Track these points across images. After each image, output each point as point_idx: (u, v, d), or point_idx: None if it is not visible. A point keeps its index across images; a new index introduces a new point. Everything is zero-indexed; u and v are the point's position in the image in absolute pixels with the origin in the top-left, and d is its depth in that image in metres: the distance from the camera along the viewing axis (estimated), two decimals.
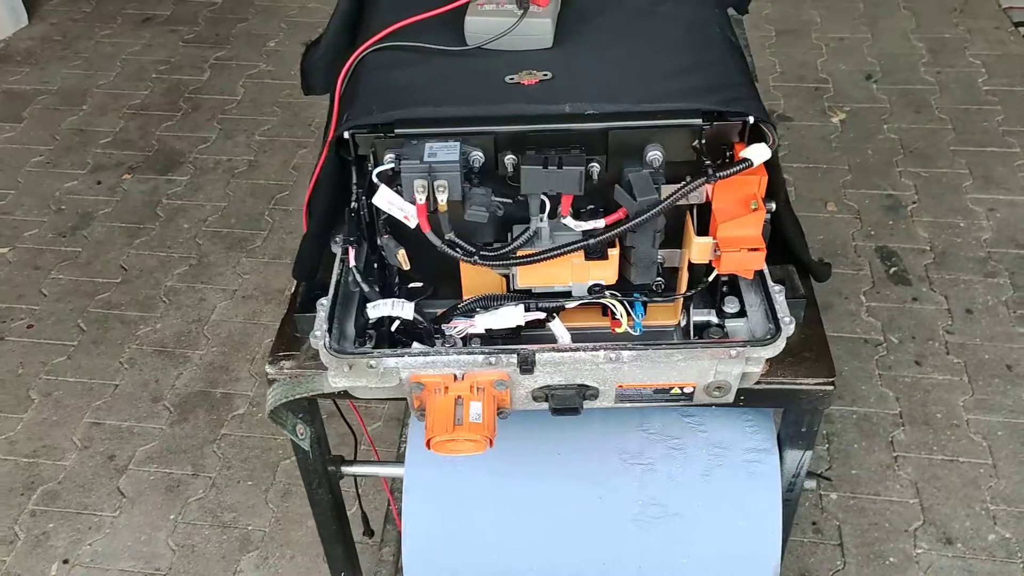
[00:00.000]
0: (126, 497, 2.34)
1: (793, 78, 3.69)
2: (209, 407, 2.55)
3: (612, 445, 1.33)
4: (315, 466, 1.40)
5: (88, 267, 2.98)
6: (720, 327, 1.24)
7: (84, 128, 3.57)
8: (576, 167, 1.05)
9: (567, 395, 1.15)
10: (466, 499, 1.33)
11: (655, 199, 1.06)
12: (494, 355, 1.11)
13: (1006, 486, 2.27)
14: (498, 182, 1.11)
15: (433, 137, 1.08)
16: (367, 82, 1.20)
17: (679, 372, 1.14)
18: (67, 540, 2.25)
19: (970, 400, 2.46)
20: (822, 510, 2.25)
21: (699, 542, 1.31)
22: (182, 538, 2.25)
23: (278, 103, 3.66)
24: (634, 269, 1.15)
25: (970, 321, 2.67)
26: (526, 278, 1.15)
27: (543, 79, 1.17)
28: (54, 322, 2.80)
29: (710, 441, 1.33)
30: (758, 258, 1.11)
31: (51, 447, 2.46)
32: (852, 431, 2.41)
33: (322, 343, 1.12)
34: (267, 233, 3.09)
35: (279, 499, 2.33)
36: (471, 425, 1.10)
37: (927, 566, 2.13)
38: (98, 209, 3.20)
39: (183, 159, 3.40)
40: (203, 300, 2.86)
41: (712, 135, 1.10)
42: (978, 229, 2.97)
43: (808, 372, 1.23)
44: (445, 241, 1.10)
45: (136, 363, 2.67)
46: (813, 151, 3.32)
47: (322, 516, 1.49)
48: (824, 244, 2.94)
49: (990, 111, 3.44)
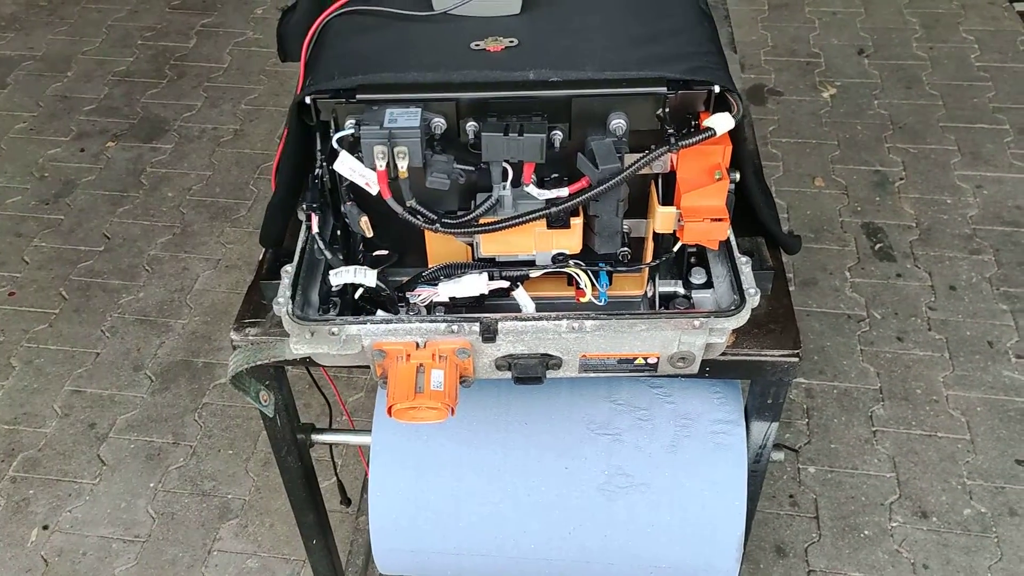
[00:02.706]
0: (106, 465, 2.35)
1: (785, 52, 3.66)
2: (191, 376, 2.55)
3: (579, 415, 1.33)
4: (283, 434, 1.40)
5: (71, 235, 2.97)
6: (687, 298, 1.23)
7: (68, 95, 3.55)
8: (537, 135, 1.04)
9: (530, 364, 1.15)
10: (433, 466, 1.33)
11: (617, 167, 1.05)
12: (456, 323, 1.11)
13: (983, 461, 2.28)
14: (460, 149, 1.09)
15: (394, 103, 1.07)
16: (331, 47, 1.18)
17: (642, 342, 1.13)
18: (47, 506, 2.26)
19: (950, 376, 2.46)
20: (799, 483, 2.26)
21: (665, 512, 1.31)
22: (162, 506, 2.26)
23: (265, 71, 3.63)
24: (598, 238, 1.15)
25: (953, 298, 2.67)
26: (489, 246, 1.14)
27: (509, 46, 1.15)
28: (36, 290, 2.79)
29: (677, 412, 1.33)
30: (722, 228, 1.10)
31: (31, 414, 2.46)
32: (832, 406, 2.42)
33: (285, 310, 1.12)
34: (252, 203, 3.07)
35: (259, 468, 2.34)
36: (432, 393, 1.10)
37: (901, 539, 2.14)
38: (81, 177, 3.18)
39: (168, 127, 3.38)
40: (186, 269, 2.85)
41: (677, 104, 1.09)
42: (964, 206, 2.96)
43: (774, 344, 1.23)
44: (407, 208, 1.10)
45: (118, 332, 2.66)
46: (803, 126, 3.30)
47: (292, 484, 1.49)
48: (811, 220, 2.93)
49: (981, 87, 3.42)
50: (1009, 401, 2.40)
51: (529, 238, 1.12)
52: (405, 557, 1.39)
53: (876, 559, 2.11)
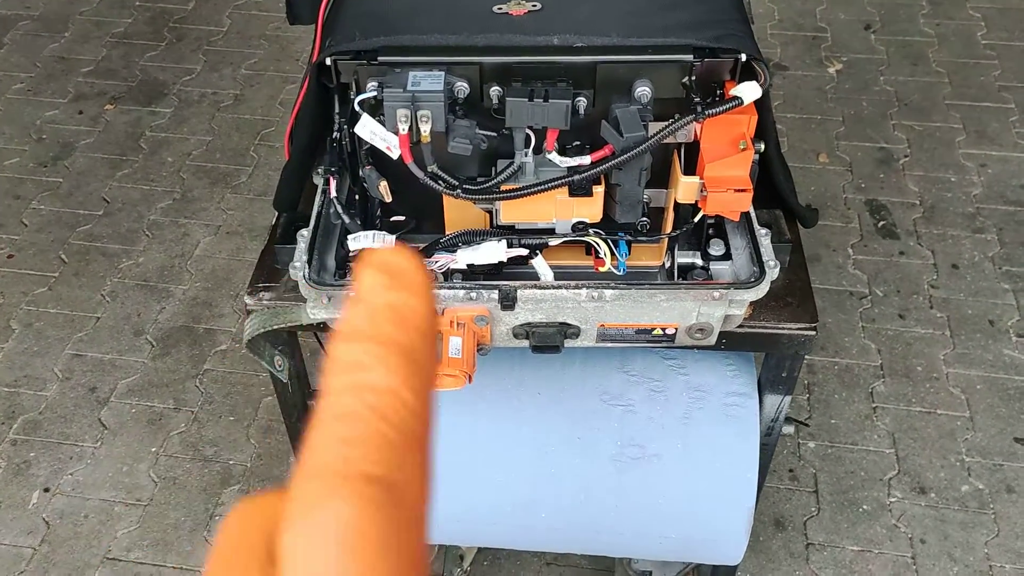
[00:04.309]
0: (108, 429, 2.34)
1: (791, 26, 3.63)
2: (192, 342, 2.53)
3: (593, 386, 1.33)
4: (295, 400, 1.39)
5: (69, 198, 2.94)
6: (705, 269, 1.23)
7: (66, 56, 3.49)
8: (563, 101, 1.03)
9: (548, 333, 1.14)
10: (445, 434, 1.33)
11: (642, 136, 1.04)
12: (475, 290, 1.10)
13: (982, 439, 2.29)
14: (483, 114, 1.08)
15: (417, 66, 1.05)
16: (351, 7, 1.16)
17: (661, 313, 1.13)
18: (48, 469, 2.26)
19: (951, 354, 2.47)
20: (799, 458, 2.27)
21: (676, 483, 1.32)
22: (164, 470, 2.26)
23: (265, 36, 3.58)
24: (619, 208, 1.14)
25: (955, 276, 2.68)
26: (509, 214, 1.13)
27: (532, 9, 1.13)
28: (35, 252, 2.77)
29: (691, 384, 1.33)
30: (745, 199, 1.09)
31: (32, 377, 2.45)
32: (833, 381, 2.43)
33: (301, 274, 1.11)
34: (252, 169, 3.04)
35: (261, 435, 2.34)
36: (450, 360, 1.09)
37: (899, 514, 2.16)
38: (80, 139, 3.14)
39: (167, 90, 3.34)
40: (187, 235, 2.83)
41: (702, 72, 1.07)
42: (968, 184, 2.96)
43: (791, 317, 1.23)
44: (427, 173, 1.08)
45: (118, 296, 2.65)
46: (808, 101, 3.28)
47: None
48: (815, 196, 2.92)
49: (987, 65, 3.40)
50: (1009, 380, 2.41)
51: (549, 206, 1.11)
52: None
53: (874, 533, 2.13)
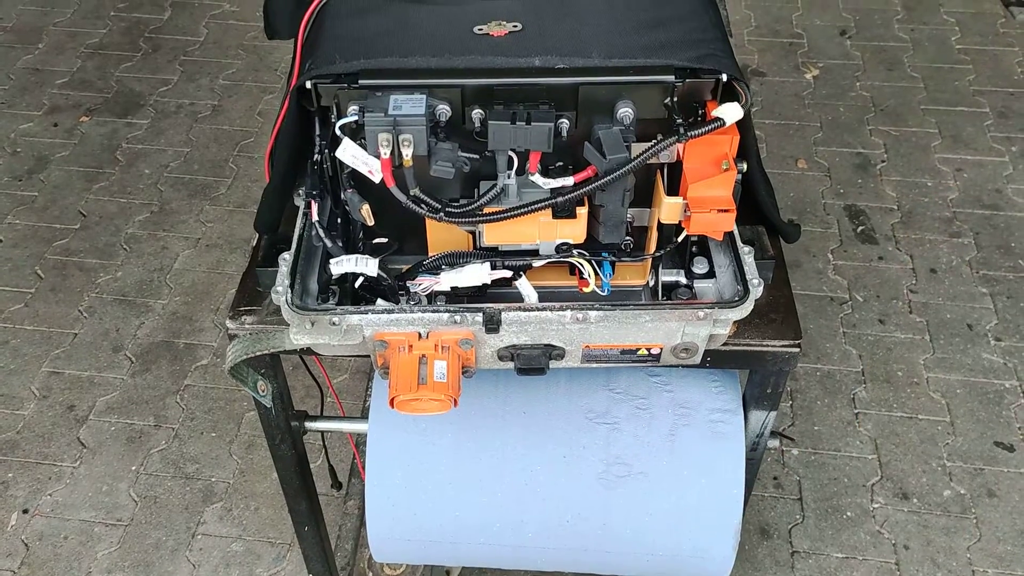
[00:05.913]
0: (87, 447, 2.31)
1: (768, 32, 3.65)
2: (172, 357, 2.51)
3: (578, 404, 1.33)
4: (278, 422, 1.38)
5: (45, 212, 2.90)
6: (689, 288, 1.23)
7: (40, 67, 3.45)
8: (545, 123, 1.02)
9: (533, 355, 1.14)
10: (431, 456, 1.32)
11: (625, 157, 1.04)
12: (459, 313, 1.09)
13: (963, 443, 2.31)
14: (465, 137, 1.07)
15: (398, 89, 1.05)
16: (331, 28, 1.15)
17: (646, 333, 1.13)
18: (27, 490, 2.22)
19: (931, 359, 2.49)
20: (783, 465, 2.28)
21: (663, 500, 1.32)
22: (144, 489, 2.23)
23: (243, 46, 3.56)
24: (603, 228, 1.13)
25: (934, 280, 2.70)
26: (493, 235, 1.13)
27: (512, 30, 1.13)
28: (10, 268, 2.73)
29: (676, 401, 1.33)
30: (728, 219, 1.09)
31: (9, 396, 2.42)
32: (815, 388, 2.44)
33: (284, 299, 1.10)
34: (231, 180, 3.02)
35: (243, 451, 2.32)
36: (435, 384, 1.09)
37: (883, 520, 2.17)
38: (55, 152, 3.11)
39: (143, 102, 3.30)
40: (165, 248, 2.80)
41: (684, 92, 1.07)
42: (945, 189, 2.98)
43: (775, 334, 1.23)
44: (410, 197, 1.07)
45: (96, 312, 2.62)
46: (785, 107, 3.30)
47: (285, 472, 1.47)
48: (794, 202, 2.94)
49: (962, 70, 3.43)
50: (988, 384, 2.43)
51: (533, 227, 1.11)
52: (402, 545, 1.38)
53: (858, 540, 2.14)
